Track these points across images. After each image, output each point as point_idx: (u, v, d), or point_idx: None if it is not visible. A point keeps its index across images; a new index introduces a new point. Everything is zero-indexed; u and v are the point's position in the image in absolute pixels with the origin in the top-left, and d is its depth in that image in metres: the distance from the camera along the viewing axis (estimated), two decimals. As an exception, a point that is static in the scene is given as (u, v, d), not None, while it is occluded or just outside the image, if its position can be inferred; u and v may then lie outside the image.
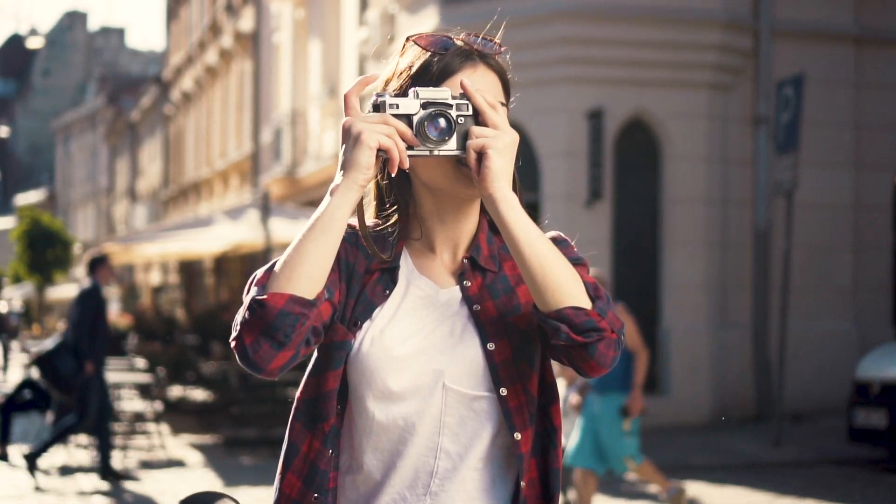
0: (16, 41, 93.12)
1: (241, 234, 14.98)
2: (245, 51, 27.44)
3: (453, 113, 1.78)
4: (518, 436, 1.83)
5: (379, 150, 1.75)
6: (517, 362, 1.85)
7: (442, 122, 1.77)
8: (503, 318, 1.86)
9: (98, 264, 10.38)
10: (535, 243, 1.77)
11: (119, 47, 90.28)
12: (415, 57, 1.89)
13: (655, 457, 10.91)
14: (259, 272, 1.81)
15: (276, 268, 1.77)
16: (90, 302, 10.05)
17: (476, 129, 1.77)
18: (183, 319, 22.10)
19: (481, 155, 1.76)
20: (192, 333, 17.68)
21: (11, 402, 11.41)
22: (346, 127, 1.77)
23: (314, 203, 18.26)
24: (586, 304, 1.78)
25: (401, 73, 1.89)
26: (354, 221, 1.89)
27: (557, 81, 13.05)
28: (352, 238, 1.90)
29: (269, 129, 24.08)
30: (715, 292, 13.41)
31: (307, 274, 1.75)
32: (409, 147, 1.77)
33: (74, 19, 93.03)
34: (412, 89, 1.79)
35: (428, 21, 13.54)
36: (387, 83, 1.91)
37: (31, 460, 9.90)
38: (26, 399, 11.41)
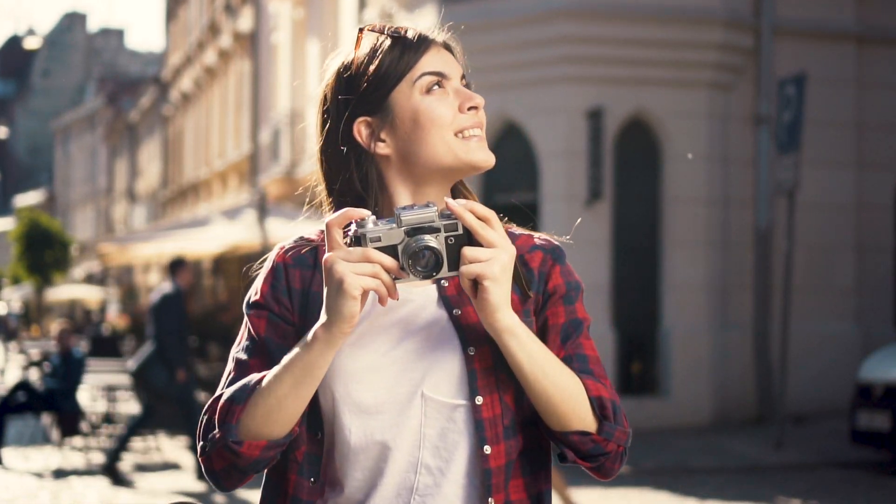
0: (15, 42, 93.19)
1: (238, 234, 14.89)
2: (244, 51, 27.38)
3: (441, 238, 1.65)
4: (488, 449, 1.73)
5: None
6: (497, 372, 1.75)
7: (428, 254, 1.64)
8: None
9: (178, 267, 10.31)
10: (539, 371, 1.70)
11: (118, 48, 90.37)
12: (376, 42, 1.83)
13: (655, 458, 10.84)
14: (236, 400, 1.72)
15: (251, 405, 1.70)
16: (175, 308, 9.96)
17: (468, 254, 1.65)
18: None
19: (477, 282, 1.66)
20: (190, 335, 17.57)
21: (6, 404, 11.36)
22: (328, 267, 1.65)
23: (312, 204, 18.13)
24: (592, 426, 1.74)
25: (369, 63, 1.81)
26: (314, 235, 1.82)
27: (557, 81, 12.97)
28: (308, 260, 1.81)
29: (268, 130, 24.02)
30: (716, 293, 13.32)
31: (283, 420, 1.70)
32: (397, 277, 1.66)
33: (74, 20, 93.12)
34: (395, 210, 1.67)
35: (427, 20, 13.46)
36: (342, 76, 1.83)
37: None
38: (21, 402, 11.36)
